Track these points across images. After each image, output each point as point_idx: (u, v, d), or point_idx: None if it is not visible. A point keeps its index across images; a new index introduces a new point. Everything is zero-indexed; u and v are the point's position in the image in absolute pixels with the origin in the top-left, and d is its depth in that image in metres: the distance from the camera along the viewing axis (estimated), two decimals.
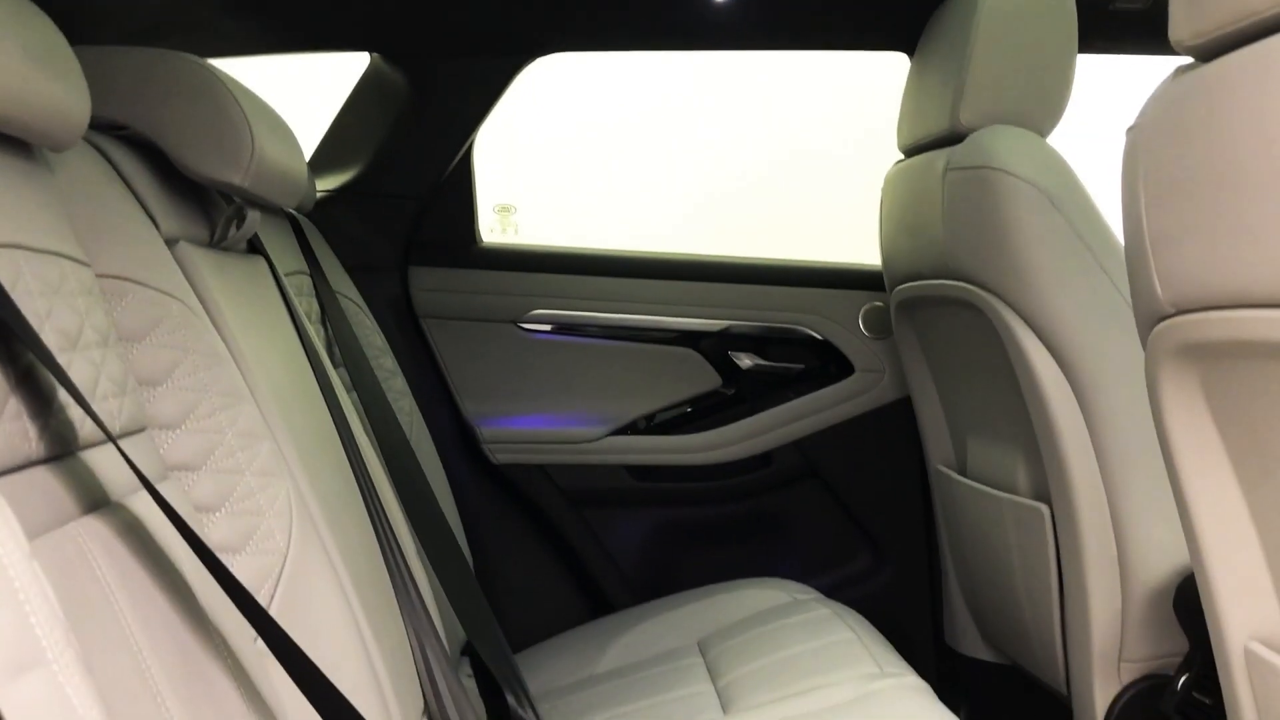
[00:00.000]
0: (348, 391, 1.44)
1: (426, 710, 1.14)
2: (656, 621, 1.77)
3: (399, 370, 1.76)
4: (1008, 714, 1.70)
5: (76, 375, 0.69)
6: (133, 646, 0.65)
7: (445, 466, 1.83)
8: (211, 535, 0.86)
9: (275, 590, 0.89)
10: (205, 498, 0.86)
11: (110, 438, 0.69)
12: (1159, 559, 1.35)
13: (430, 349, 1.96)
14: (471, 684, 1.49)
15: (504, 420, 1.97)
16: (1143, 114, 0.90)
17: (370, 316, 1.75)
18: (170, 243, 0.97)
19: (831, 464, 2.03)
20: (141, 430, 0.80)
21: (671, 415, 2.02)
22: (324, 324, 1.53)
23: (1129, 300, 0.96)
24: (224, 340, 0.96)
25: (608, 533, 2.02)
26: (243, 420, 0.92)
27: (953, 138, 1.51)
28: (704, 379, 2.01)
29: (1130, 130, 0.92)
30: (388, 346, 1.77)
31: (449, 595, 1.43)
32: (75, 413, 0.69)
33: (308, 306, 1.46)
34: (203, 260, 1.00)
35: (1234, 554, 0.94)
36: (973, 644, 1.84)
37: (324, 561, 0.96)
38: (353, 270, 1.77)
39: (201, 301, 0.96)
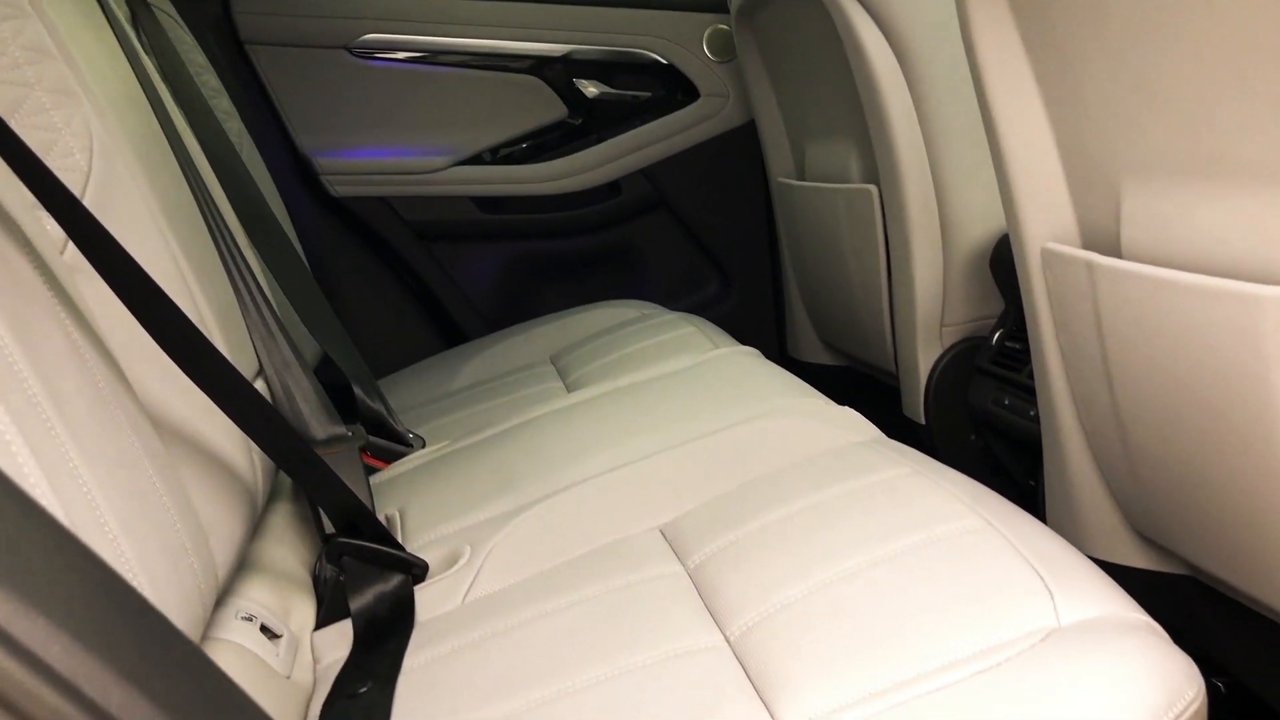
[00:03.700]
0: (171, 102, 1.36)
1: (262, 374, 1.13)
2: (510, 344, 1.79)
3: (224, 91, 1.68)
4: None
5: None
6: None
7: (283, 200, 1.77)
8: None
9: None
10: None
11: None
12: (977, 224, 1.41)
13: (258, 77, 1.87)
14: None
15: (342, 152, 1.92)
16: None
17: (189, 33, 1.66)
18: None
19: (679, 191, 2.05)
20: None
21: (518, 147, 2.00)
22: (135, 28, 1.44)
23: None
24: None
25: (458, 266, 2.02)
26: (27, 34, 0.86)
27: None
28: (550, 109, 1.98)
29: None
30: (210, 66, 1.68)
31: (290, 298, 1.41)
32: None
33: (114, 2, 1.37)
34: None
35: (1034, 163, 0.99)
36: (812, 350, 1.92)
37: (133, 193, 0.93)
38: None
39: None
